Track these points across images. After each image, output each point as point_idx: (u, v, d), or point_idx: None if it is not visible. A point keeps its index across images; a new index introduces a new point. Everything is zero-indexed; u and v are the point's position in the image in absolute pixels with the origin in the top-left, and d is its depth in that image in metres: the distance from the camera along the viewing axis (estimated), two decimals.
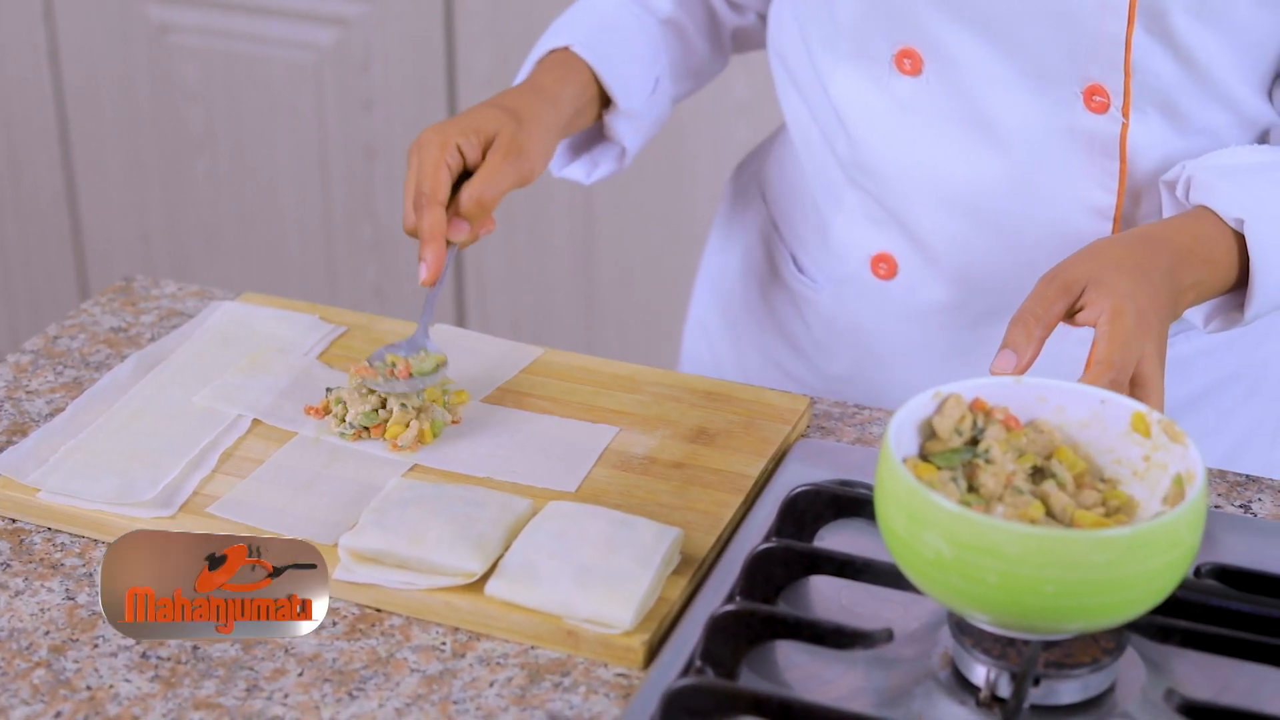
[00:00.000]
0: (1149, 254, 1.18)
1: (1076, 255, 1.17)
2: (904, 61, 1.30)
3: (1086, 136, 1.27)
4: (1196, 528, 0.98)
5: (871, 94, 1.33)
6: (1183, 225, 1.21)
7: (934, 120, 1.31)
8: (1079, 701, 1.01)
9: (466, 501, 1.16)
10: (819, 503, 1.17)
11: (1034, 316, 1.13)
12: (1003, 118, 1.29)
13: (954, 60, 1.28)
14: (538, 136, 1.31)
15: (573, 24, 1.42)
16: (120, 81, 2.78)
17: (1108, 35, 1.23)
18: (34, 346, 1.40)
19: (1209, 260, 1.20)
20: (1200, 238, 1.21)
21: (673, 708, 0.99)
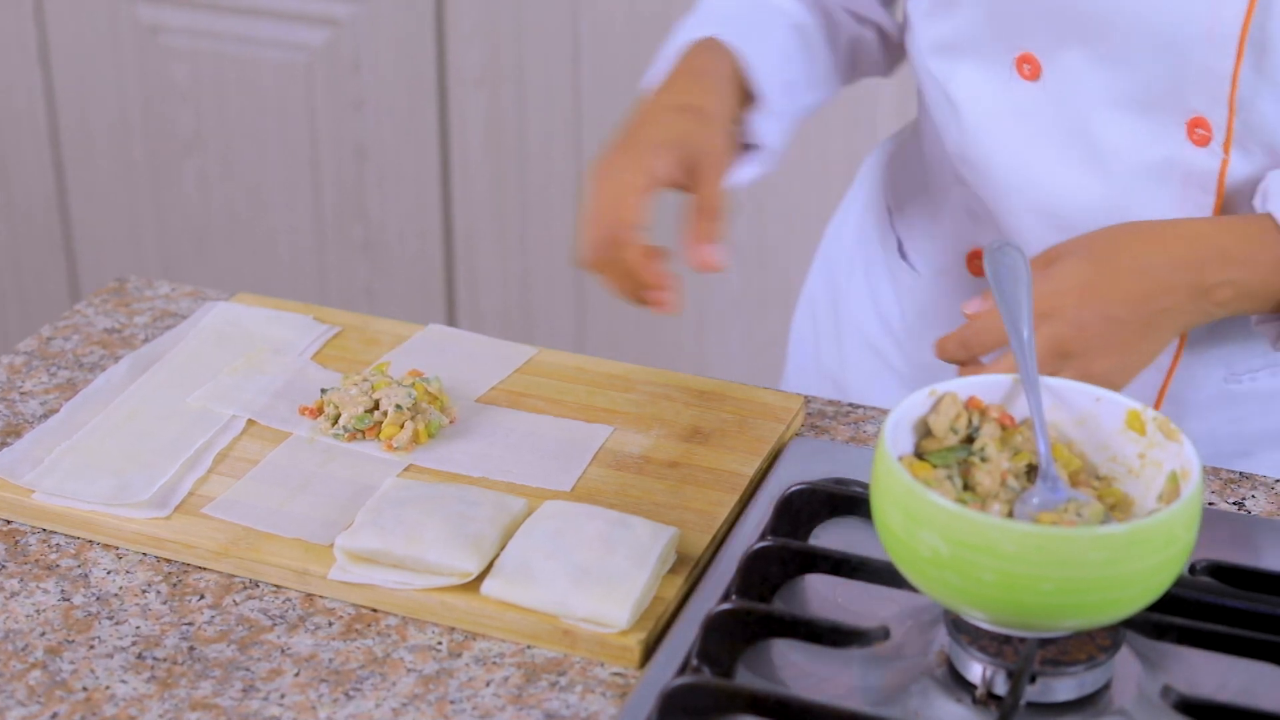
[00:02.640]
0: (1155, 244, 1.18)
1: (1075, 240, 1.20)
2: (1024, 66, 1.30)
3: (1185, 168, 1.26)
4: (1192, 525, 0.98)
5: (989, 92, 1.33)
6: (1228, 223, 1.21)
7: (1045, 128, 1.31)
8: (1075, 699, 1.02)
9: (462, 501, 1.16)
10: (814, 501, 1.17)
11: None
12: (1107, 138, 1.28)
13: (1068, 72, 1.28)
14: (723, 133, 1.25)
15: (709, 17, 1.36)
16: (110, 82, 2.78)
17: (1214, 70, 1.22)
18: (28, 348, 1.40)
19: (1248, 261, 1.19)
20: (1246, 238, 1.20)
21: (669, 707, 0.99)
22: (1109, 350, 1.17)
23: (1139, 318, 1.18)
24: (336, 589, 1.12)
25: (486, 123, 2.61)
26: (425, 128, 2.64)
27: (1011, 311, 1.10)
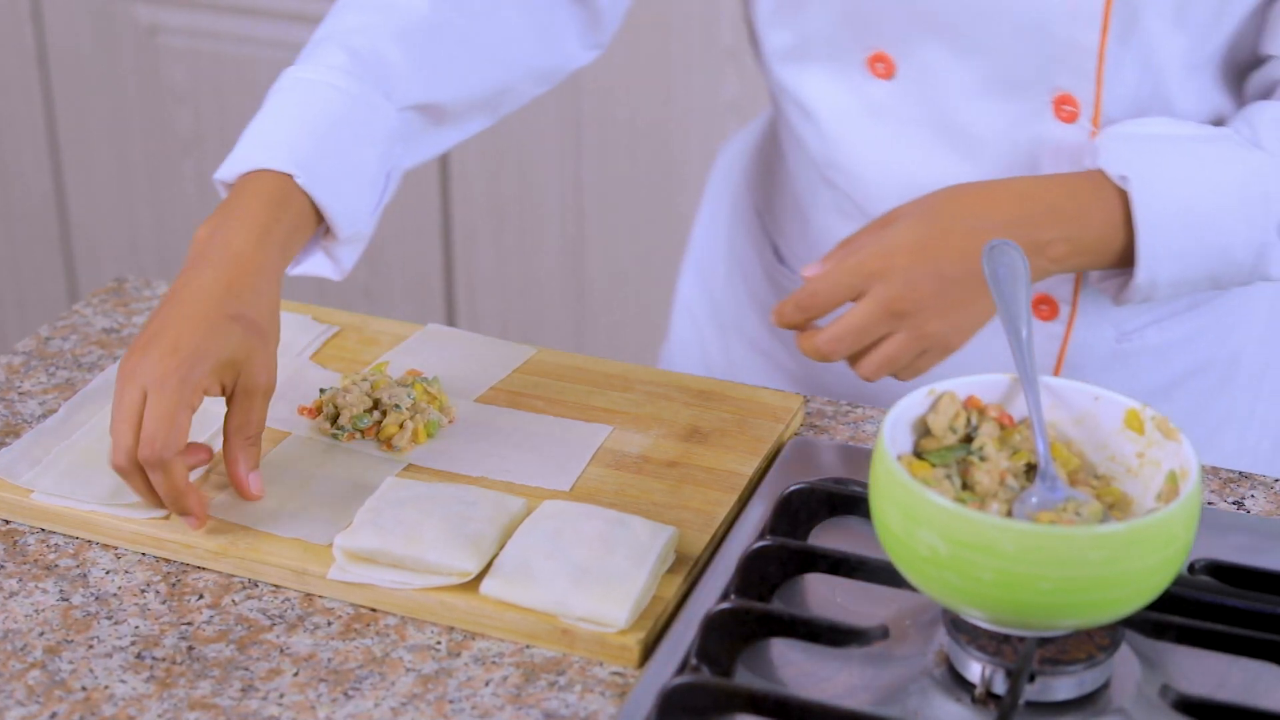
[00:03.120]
0: (987, 203, 1.21)
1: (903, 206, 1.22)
2: (877, 65, 1.31)
3: (1054, 146, 1.28)
4: (1191, 524, 0.98)
5: (844, 96, 1.34)
6: (1059, 180, 1.23)
7: (906, 124, 1.32)
8: (1074, 698, 1.02)
9: (461, 501, 1.16)
10: (813, 501, 1.17)
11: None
12: (972, 125, 1.29)
13: (925, 66, 1.29)
14: (274, 351, 1.18)
15: (296, 123, 1.21)
16: (109, 82, 2.78)
17: (1079, 45, 1.23)
18: (26, 348, 1.40)
19: (1079, 217, 1.21)
20: (1077, 193, 1.22)
21: (669, 706, 0.99)
22: (943, 310, 1.19)
23: (972, 276, 1.19)
24: (335, 589, 1.12)
25: None
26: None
27: (1010, 310, 1.10)
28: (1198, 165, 1.22)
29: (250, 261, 1.17)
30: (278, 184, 1.20)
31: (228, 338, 1.14)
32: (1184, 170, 1.21)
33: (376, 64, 1.25)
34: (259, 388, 1.16)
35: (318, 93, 1.23)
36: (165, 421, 1.11)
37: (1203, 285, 1.25)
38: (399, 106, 1.26)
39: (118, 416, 1.12)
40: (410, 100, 1.27)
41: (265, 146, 1.21)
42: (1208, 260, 1.22)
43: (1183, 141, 1.23)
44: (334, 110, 1.22)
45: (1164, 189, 1.21)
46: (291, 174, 1.19)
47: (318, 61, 1.25)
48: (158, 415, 1.11)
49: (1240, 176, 1.21)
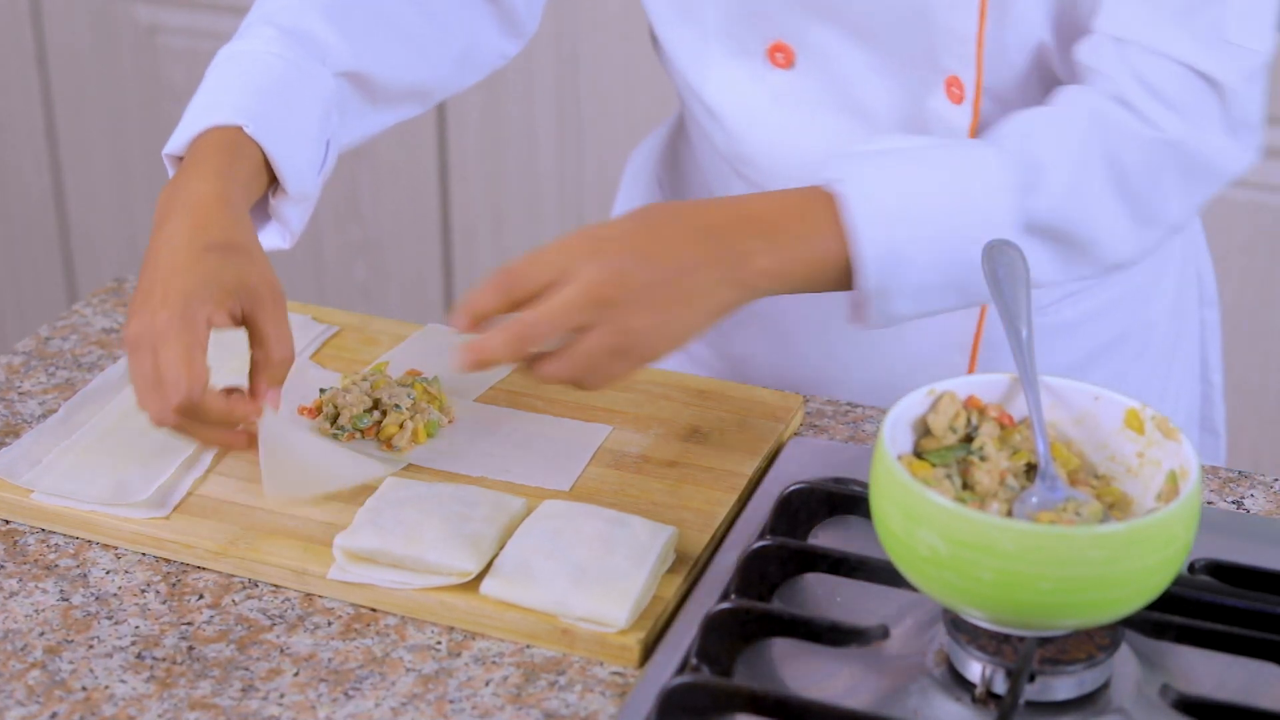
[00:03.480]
0: (693, 211, 1.16)
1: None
2: (777, 55, 1.32)
3: (947, 127, 1.29)
4: (1191, 524, 0.98)
5: (747, 88, 1.34)
6: (777, 194, 1.19)
7: (811, 110, 1.33)
8: (1074, 698, 1.02)
9: (461, 501, 1.16)
10: (813, 500, 1.17)
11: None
12: (875, 106, 1.31)
13: (824, 53, 1.30)
14: (267, 263, 1.20)
15: (239, 86, 1.24)
16: (108, 82, 2.78)
17: (959, 31, 1.24)
18: (26, 348, 1.40)
19: (787, 227, 1.15)
20: (789, 205, 1.17)
21: (669, 706, 0.99)
22: (651, 306, 1.12)
23: (674, 281, 1.13)
24: (335, 589, 1.12)
25: (484, 122, 2.61)
26: (423, 127, 2.64)
27: (1011, 310, 1.10)
28: (918, 166, 1.18)
29: (214, 198, 1.18)
30: (229, 136, 1.21)
31: (212, 268, 1.14)
32: (902, 171, 1.17)
33: (307, 37, 1.28)
34: (264, 298, 1.17)
35: (256, 60, 1.26)
36: (180, 366, 1.12)
37: (949, 296, 1.19)
38: (333, 72, 1.29)
39: (138, 386, 1.13)
40: (342, 66, 1.29)
41: (211, 108, 1.23)
42: (943, 264, 1.17)
43: (907, 149, 1.20)
44: (273, 73, 1.25)
45: (879, 191, 1.16)
46: (241, 125, 1.21)
47: (251, 38, 1.28)
48: (171, 363, 1.12)
49: (967, 173, 1.17)
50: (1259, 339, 2.33)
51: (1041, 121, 1.20)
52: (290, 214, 1.27)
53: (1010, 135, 1.20)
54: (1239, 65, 1.21)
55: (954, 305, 1.20)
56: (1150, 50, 1.20)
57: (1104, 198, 1.20)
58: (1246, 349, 2.34)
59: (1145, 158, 1.20)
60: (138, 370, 1.13)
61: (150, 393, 1.13)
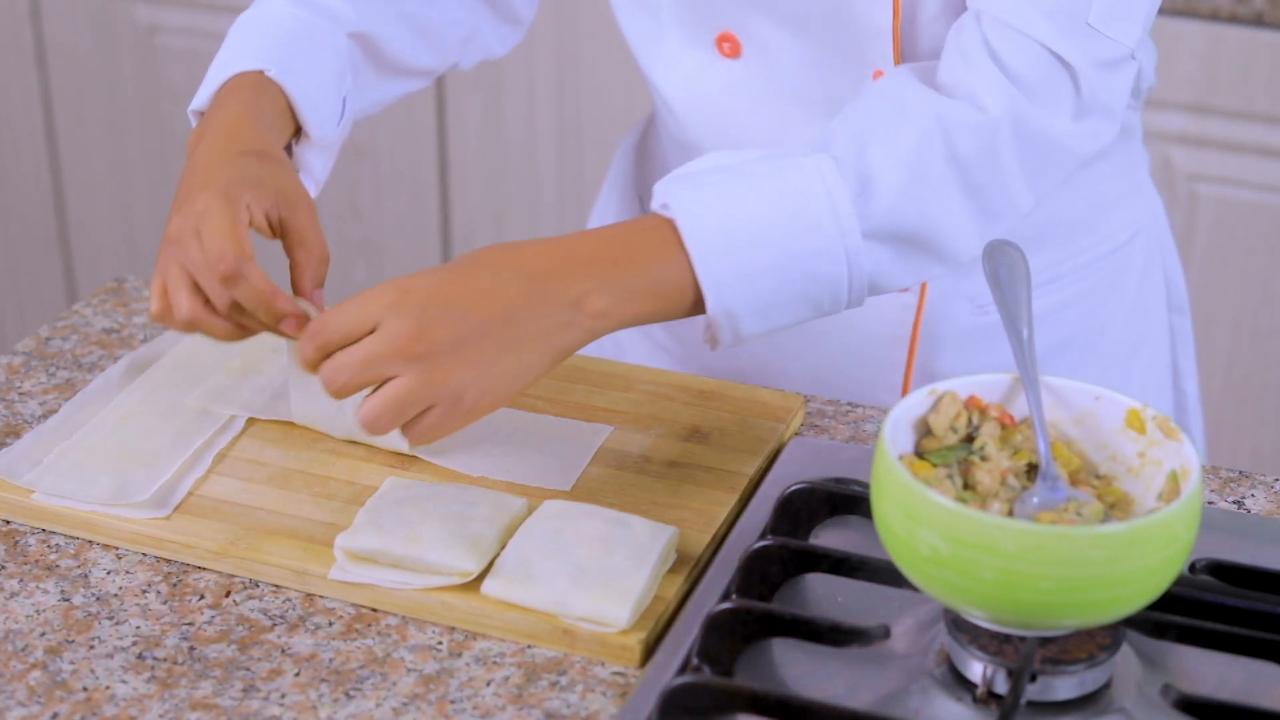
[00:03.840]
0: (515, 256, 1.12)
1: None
2: (724, 45, 1.33)
3: None
4: (1192, 524, 0.98)
5: (698, 77, 1.35)
6: (608, 230, 1.16)
7: (757, 100, 1.34)
8: (1075, 698, 1.02)
9: (461, 501, 1.16)
10: (814, 500, 1.17)
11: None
12: (815, 97, 1.31)
13: (765, 43, 1.31)
14: (295, 174, 1.23)
15: (258, 40, 1.28)
16: (107, 82, 2.78)
17: (877, 26, 1.25)
18: (26, 348, 1.40)
19: (620, 262, 1.12)
20: (619, 239, 1.14)
21: (670, 706, 0.99)
22: (462, 360, 1.09)
23: (489, 331, 1.10)
24: (336, 589, 1.12)
25: (484, 122, 2.61)
26: (423, 127, 2.64)
27: (1011, 310, 1.10)
28: (746, 180, 1.14)
29: (245, 118, 1.23)
30: (252, 79, 1.25)
31: (250, 166, 1.18)
32: (729, 188, 1.14)
33: (318, 5, 1.32)
34: (299, 201, 1.19)
35: (272, 19, 1.30)
36: (226, 235, 1.14)
37: (800, 310, 1.16)
38: (345, 31, 1.32)
39: (174, 283, 1.15)
40: (351, 27, 1.33)
41: (232, 60, 1.27)
42: (786, 279, 1.14)
43: (736, 164, 1.17)
44: (290, 28, 1.29)
45: (709, 209, 1.13)
46: (262, 69, 1.25)
47: (264, 4, 1.32)
48: (217, 232, 1.14)
49: (796, 181, 1.14)
50: (1259, 339, 2.33)
51: (874, 120, 1.17)
52: (314, 161, 1.30)
53: (841, 137, 1.16)
54: (1096, 51, 1.19)
55: (807, 317, 1.17)
56: (1008, 26, 1.18)
57: (944, 194, 1.17)
58: (1246, 349, 2.34)
59: (980, 142, 1.17)
60: (177, 261, 1.15)
61: (182, 287, 1.15)
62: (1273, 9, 2.16)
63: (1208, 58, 2.19)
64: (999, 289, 1.11)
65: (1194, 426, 1.61)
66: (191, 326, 1.17)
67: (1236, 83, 2.20)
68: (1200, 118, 2.23)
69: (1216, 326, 2.32)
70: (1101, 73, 1.20)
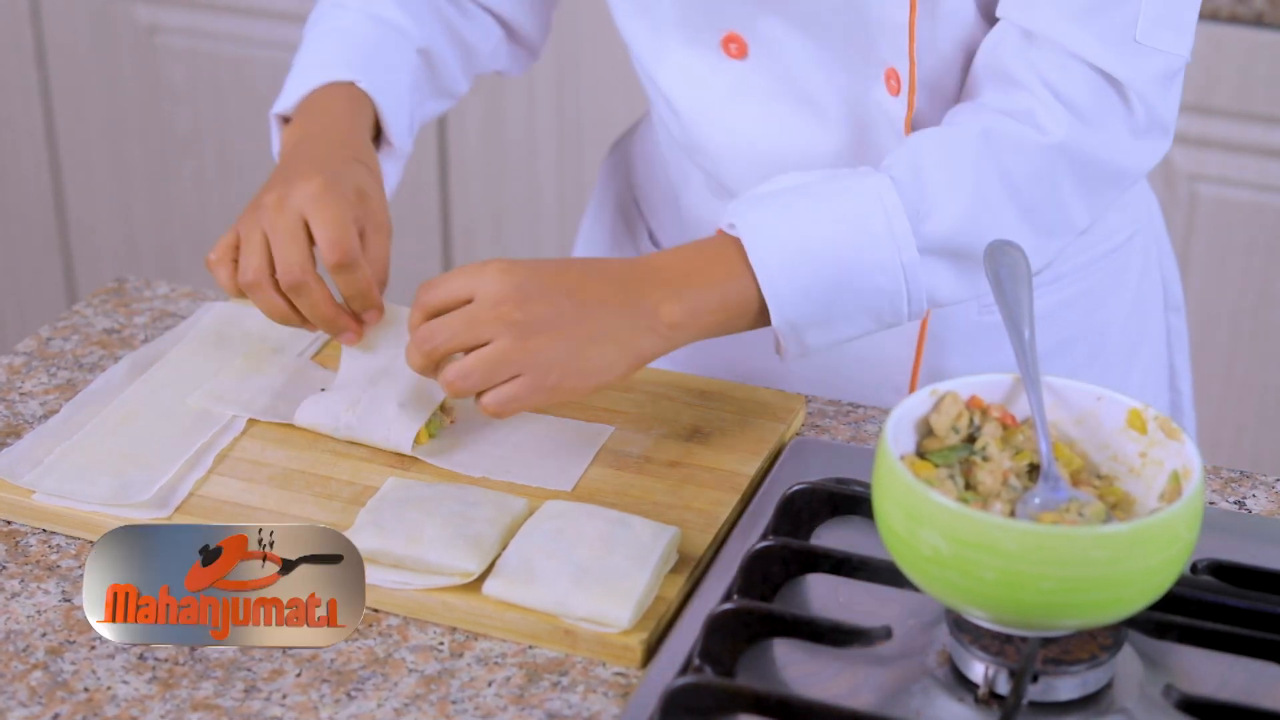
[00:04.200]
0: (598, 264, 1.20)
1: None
2: (730, 46, 1.33)
3: (889, 118, 1.30)
4: (1194, 524, 0.98)
5: (703, 78, 1.36)
6: (680, 248, 1.22)
7: (763, 100, 1.34)
8: (1077, 698, 1.02)
9: (462, 501, 1.16)
10: (815, 501, 1.17)
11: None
12: (822, 98, 1.32)
13: (772, 42, 1.31)
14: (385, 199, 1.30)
15: (343, 51, 1.35)
16: (107, 82, 2.78)
17: (892, 22, 1.25)
18: (27, 348, 1.40)
19: (690, 275, 1.19)
20: (689, 255, 1.20)
21: (672, 706, 0.99)
22: (552, 334, 1.15)
23: (580, 316, 1.16)
24: None
25: (484, 122, 2.61)
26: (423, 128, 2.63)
27: (1013, 310, 1.10)
28: (807, 200, 1.20)
29: (357, 130, 1.30)
30: (346, 91, 1.32)
31: (361, 175, 1.25)
32: (792, 208, 1.20)
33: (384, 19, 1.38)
34: (383, 225, 1.26)
35: (352, 30, 1.36)
36: (342, 227, 1.21)
37: (862, 322, 1.22)
38: (414, 47, 1.39)
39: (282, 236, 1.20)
40: (417, 43, 1.39)
41: (319, 67, 1.33)
42: (847, 293, 1.20)
43: (796, 186, 1.22)
44: (372, 41, 1.36)
45: (773, 228, 1.19)
46: (354, 80, 1.32)
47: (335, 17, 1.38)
48: (333, 221, 1.21)
49: (858, 203, 1.19)
50: (1259, 339, 2.33)
51: (933, 145, 1.22)
52: (390, 171, 1.36)
53: (901, 162, 1.22)
54: (1147, 67, 1.21)
55: (869, 329, 1.23)
56: (1057, 48, 1.21)
57: (1000, 214, 1.21)
58: (1246, 349, 2.34)
59: (1037, 166, 1.22)
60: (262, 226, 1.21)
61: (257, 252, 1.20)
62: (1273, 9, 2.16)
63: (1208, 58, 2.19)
64: (1000, 289, 1.12)
65: (1188, 425, 1.61)
66: (247, 289, 1.23)
67: (1236, 83, 2.20)
68: (1200, 118, 2.23)
69: (1216, 326, 2.32)
70: (1157, 88, 1.23)
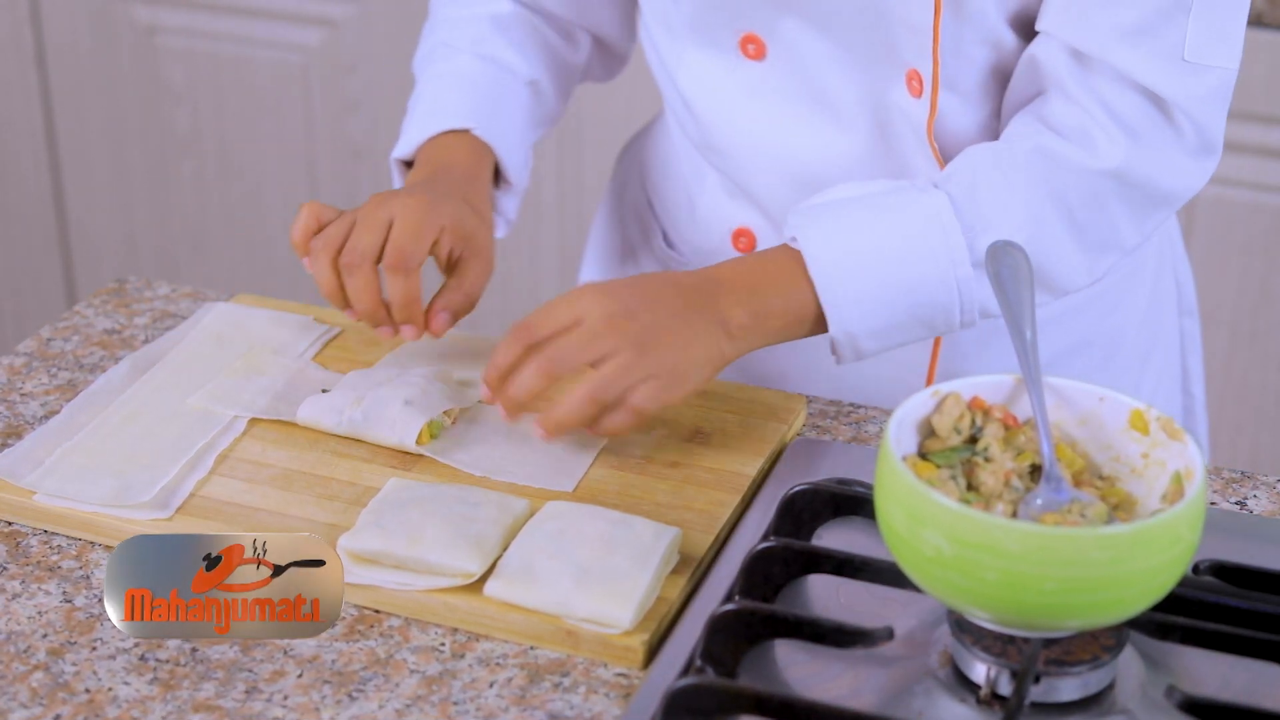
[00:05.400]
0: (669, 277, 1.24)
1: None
2: (749, 47, 1.33)
3: (910, 119, 1.30)
4: (1196, 525, 0.98)
5: (720, 79, 1.36)
6: (746, 258, 1.26)
7: (781, 102, 1.34)
8: (1079, 699, 1.02)
9: (464, 502, 1.16)
10: (817, 501, 1.17)
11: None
12: (841, 98, 1.32)
13: (792, 44, 1.31)
14: (493, 243, 1.33)
15: (458, 98, 1.40)
16: (107, 83, 2.77)
17: (916, 24, 1.25)
18: (27, 349, 1.39)
19: (757, 286, 1.23)
20: (756, 266, 1.25)
21: (674, 707, 0.99)
22: (660, 341, 1.19)
23: (675, 324, 1.20)
24: None
25: None
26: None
27: (1014, 311, 1.10)
28: (866, 213, 1.24)
29: (477, 180, 1.35)
30: (466, 140, 1.37)
31: (463, 209, 1.30)
32: (852, 220, 1.23)
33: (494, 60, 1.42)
34: (483, 257, 1.30)
35: (465, 74, 1.41)
36: (414, 236, 1.25)
37: (915, 331, 1.25)
38: (522, 81, 1.43)
39: (364, 225, 1.26)
40: (525, 76, 1.44)
41: (436, 114, 1.38)
42: (901, 304, 1.23)
43: (856, 198, 1.25)
44: (485, 85, 1.40)
45: (832, 241, 1.22)
46: (470, 128, 1.36)
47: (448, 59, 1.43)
48: (407, 229, 1.25)
49: (915, 217, 1.22)
50: (1258, 339, 2.33)
51: (988, 161, 1.24)
52: (509, 205, 1.42)
53: (958, 176, 1.24)
54: (1197, 86, 1.23)
55: (921, 337, 1.27)
56: (1109, 69, 1.22)
57: (1052, 231, 1.24)
58: (1246, 349, 2.34)
59: (1089, 189, 1.24)
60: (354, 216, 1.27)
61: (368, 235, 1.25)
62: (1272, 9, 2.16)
63: None
64: (1002, 290, 1.12)
65: (1200, 430, 1.61)
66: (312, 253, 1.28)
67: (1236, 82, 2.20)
68: None
69: (1216, 326, 2.32)
70: (1207, 107, 1.24)
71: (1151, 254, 1.48)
